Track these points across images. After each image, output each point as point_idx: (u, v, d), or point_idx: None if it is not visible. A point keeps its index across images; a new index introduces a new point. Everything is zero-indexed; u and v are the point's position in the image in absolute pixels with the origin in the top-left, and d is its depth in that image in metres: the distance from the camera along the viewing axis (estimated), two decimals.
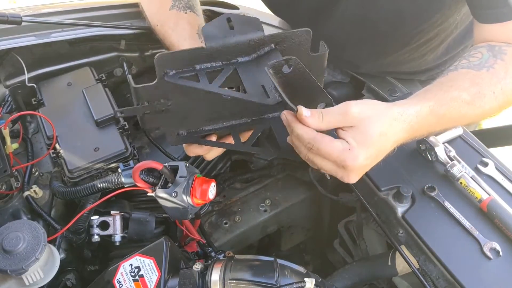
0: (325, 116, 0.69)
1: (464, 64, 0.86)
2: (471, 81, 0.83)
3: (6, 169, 0.95)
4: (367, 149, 0.69)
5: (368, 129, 0.69)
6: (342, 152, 0.68)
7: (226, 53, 0.82)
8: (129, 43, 1.28)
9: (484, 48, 0.89)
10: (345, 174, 0.71)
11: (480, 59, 0.86)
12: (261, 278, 0.81)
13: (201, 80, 0.81)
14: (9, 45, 1.11)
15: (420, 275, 0.87)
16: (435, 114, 0.77)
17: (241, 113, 0.88)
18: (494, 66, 0.85)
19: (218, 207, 1.40)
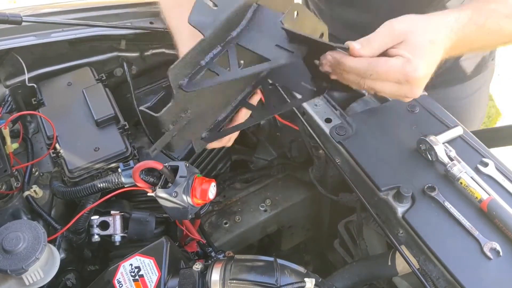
0: (373, 41, 0.70)
1: None
2: None
3: (6, 169, 0.95)
4: (424, 58, 0.69)
5: (418, 40, 0.69)
6: (402, 67, 0.68)
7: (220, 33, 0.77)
8: (129, 43, 1.28)
9: None
10: (409, 89, 0.71)
11: None
12: (261, 278, 0.81)
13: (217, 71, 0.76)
14: (9, 45, 1.11)
15: (420, 275, 0.87)
16: (474, 21, 0.76)
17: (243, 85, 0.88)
18: None
19: (218, 207, 1.40)
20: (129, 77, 1.24)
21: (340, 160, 1.04)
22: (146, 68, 1.36)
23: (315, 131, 1.09)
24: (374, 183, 0.96)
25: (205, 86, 0.74)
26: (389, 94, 0.74)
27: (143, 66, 1.35)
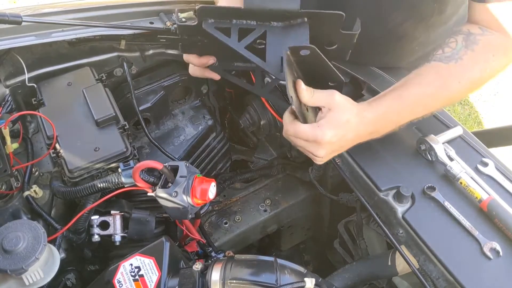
0: (315, 93, 0.85)
1: (437, 56, 0.95)
2: (437, 74, 0.92)
3: (6, 169, 0.95)
4: (334, 129, 0.84)
5: (339, 113, 0.85)
6: (313, 128, 0.84)
7: (261, 15, 0.89)
8: (129, 43, 1.28)
9: (461, 36, 0.95)
10: (315, 148, 0.86)
11: (453, 50, 0.94)
12: (261, 278, 0.81)
13: (232, 35, 0.90)
14: (9, 45, 1.11)
15: (420, 275, 0.87)
16: (394, 109, 0.90)
17: None
18: (463, 58, 0.93)
19: (218, 207, 1.40)
20: (129, 77, 1.24)
21: (340, 160, 1.04)
22: (146, 68, 1.36)
23: None
24: (374, 183, 0.96)
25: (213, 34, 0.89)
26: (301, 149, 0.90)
27: (143, 66, 1.35)
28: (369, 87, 1.17)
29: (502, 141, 1.43)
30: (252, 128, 1.45)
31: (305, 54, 0.80)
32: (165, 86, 1.32)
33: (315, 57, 0.81)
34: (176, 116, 1.38)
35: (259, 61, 0.90)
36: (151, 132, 1.30)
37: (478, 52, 0.93)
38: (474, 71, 0.93)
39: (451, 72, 0.92)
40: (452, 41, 0.95)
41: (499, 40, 0.94)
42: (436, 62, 0.94)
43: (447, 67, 0.93)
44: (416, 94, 0.92)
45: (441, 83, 0.92)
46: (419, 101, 0.92)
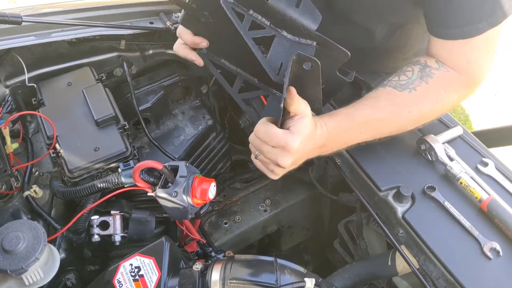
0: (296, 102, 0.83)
1: (393, 82, 0.96)
2: (390, 100, 0.94)
3: (6, 169, 0.95)
4: (303, 138, 0.83)
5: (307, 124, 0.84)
6: (285, 134, 0.83)
7: (279, 19, 0.89)
8: (129, 43, 1.28)
9: (418, 66, 0.97)
10: (281, 155, 0.84)
11: (408, 78, 0.96)
12: (261, 278, 0.81)
13: (244, 22, 0.89)
14: (9, 45, 1.11)
15: (420, 275, 0.87)
16: (343, 127, 0.91)
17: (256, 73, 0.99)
18: (417, 89, 0.94)
19: (218, 207, 1.40)
20: (129, 77, 1.24)
21: (340, 160, 1.04)
22: (146, 68, 1.36)
23: None
24: (374, 183, 0.96)
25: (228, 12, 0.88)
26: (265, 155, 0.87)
27: (143, 66, 1.35)
28: (369, 87, 1.18)
29: (502, 141, 1.43)
30: (252, 128, 1.45)
31: (307, 68, 0.80)
32: (165, 86, 1.32)
33: (313, 76, 0.81)
34: (176, 116, 1.38)
35: (260, 55, 0.90)
36: (151, 132, 1.30)
37: (431, 85, 0.95)
38: (425, 103, 0.95)
39: (403, 101, 0.94)
40: (409, 70, 0.97)
41: (453, 77, 0.95)
42: (391, 88, 0.95)
43: (400, 95, 0.94)
44: (367, 116, 0.92)
45: (392, 110, 0.93)
46: (368, 123, 0.93)
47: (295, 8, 0.88)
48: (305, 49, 0.90)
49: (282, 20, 0.89)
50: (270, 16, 0.90)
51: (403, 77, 0.96)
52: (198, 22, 0.96)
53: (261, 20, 0.91)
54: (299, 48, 0.90)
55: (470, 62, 0.93)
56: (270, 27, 0.91)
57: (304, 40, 0.91)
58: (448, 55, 0.95)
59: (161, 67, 1.37)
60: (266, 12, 0.90)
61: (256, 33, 0.90)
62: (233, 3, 0.89)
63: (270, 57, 0.90)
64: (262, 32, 0.90)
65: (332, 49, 0.89)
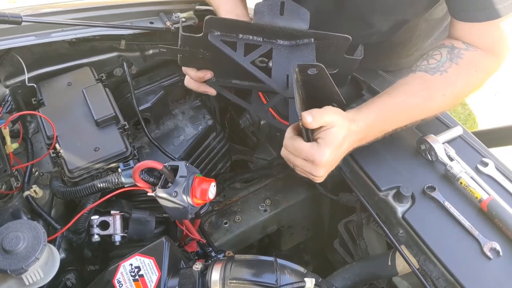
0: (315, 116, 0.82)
1: (422, 66, 0.96)
2: (423, 85, 0.94)
3: (6, 169, 0.95)
4: (332, 148, 0.83)
5: (337, 132, 0.83)
6: (311, 148, 0.83)
7: (269, 32, 0.89)
8: (129, 43, 1.28)
9: (445, 49, 0.97)
10: (313, 168, 0.85)
11: (438, 61, 0.96)
12: (261, 278, 0.81)
13: (238, 49, 0.90)
14: (9, 45, 1.11)
15: (420, 275, 0.87)
16: (382, 118, 0.91)
17: None
18: (448, 71, 0.94)
19: (218, 207, 1.40)
20: (129, 77, 1.24)
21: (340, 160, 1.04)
22: (146, 68, 1.36)
23: None
24: (374, 183, 0.96)
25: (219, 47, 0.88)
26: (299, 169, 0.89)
27: (143, 66, 1.35)
28: (369, 87, 1.18)
29: (502, 141, 1.43)
30: (252, 128, 1.45)
31: (312, 73, 0.80)
32: (165, 86, 1.32)
33: (321, 77, 0.81)
34: (176, 116, 1.38)
35: (265, 77, 0.90)
36: (151, 132, 1.30)
37: (462, 66, 0.95)
38: (457, 85, 0.95)
39: (436, 84, 0.94)
40: (437, 54, 0.97)
41: (482, 57, 0.97)
42: (422, 72, 0.95)
43: (432, 78, 0.94)
44: (402, 103, 0.93)
45: (427, 94, 0.94)
46: (405, 110, 0.94)
47: (280, 17, 0.88)
48: (305, 49, 0.90)
49: (273, 32, 0.89)
50: (260, 32, 0.90)
51: (432, 60, 0.96)
52: (197, 59, 0.98)
53: (253, 39, 0.91)
54: (298, 51, 0.90)
55: (495, 41, 0.96)
56: (265, 41, 0.91)
57: (301, 41, 0.90)
58: (474, 36, 0.97)
59: (161, 67, 1.37)
60: (254, 31, 0.90)
61: (253, 56, 0.90)
62: (220, 35, 0.89)
63: (274, 72, 0.90)
64: (259, 51, 0.90)
65: (331, 39, 0.89)
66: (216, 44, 0.88)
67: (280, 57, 0.91)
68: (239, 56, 0.89)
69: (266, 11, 0.88)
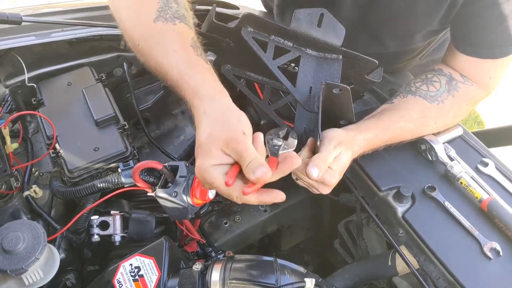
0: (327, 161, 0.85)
1: (422, 91, 1.01)
2: (421, 112, 0.99)
3: (6, 169, 0.95)
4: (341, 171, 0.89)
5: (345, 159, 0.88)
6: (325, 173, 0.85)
7: (301, 40, 0.90)
8: None
9: (444, 78, 1.03)
10: (321, 188, 0.90)
11: (437, 90, 1.01)
12: (261, 278, 0.81)
13: (268, 50, 0.90)
14: (9, 45, 1.11)
15: (420, 275, 0.87)
16: (379, 139, 0.96)
17: None
18: (444, 102, 1.00)
19: (218, 207, 1.40)
20: (128, 77, 1.24)
21: None
22: (146, 68, 1.36)
23: None
24: (374, 183, 0.96)
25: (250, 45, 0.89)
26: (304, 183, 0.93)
27: (143, 66, 1.34)
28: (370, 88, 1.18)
29: (502, 141, 1.43)
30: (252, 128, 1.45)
31: (336, 92, 0.82)
32: (165, 86, 1.32)
33: (344, 97, 0.83)
34: (176, 116, 1.38)
35: (290, 85, 0.91)
36: (151, 132, 1.29)
37: (456, 99, 1.01)
38: (449, 116, 1.02)
39: (432, 113, 1.00)
40: (436, 81, 1.02)
41: (475, 91, 1.03)
42: (421, 99, 1.00)
43: (430, 106, 0.99)
44: (401, 128, 0.98)
45: (422, 121, 0.99)
46: (400, 133, 0.99)
47: (317, 28, 0.89)
48: (332, 64, 0.91)
49: (305, 41, 0.90)
50: (292, 38, 0.91)
51: (432, 88, 1.02)
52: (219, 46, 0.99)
53: (284, 43, 0.92)
54: (325, 64, 0.91)
55: (491, 78, 1.03)
56: (294, 48, 0.92)
57: (329, 55, 0.92)
58: (473, 70, 1.02)
59: None
60: (287, 35, 0.90)
61: (281, 60, 0.91)
62: (253, 31, 0.90)
63: (299, 82, 0.91)
64: (287, 57, 0.91)
65: (359, 60, 0.90)
66: (247, 40, 0.89)
67: (307, 67, 0.92)
68: (268, 59, 0.90)
69: (304, 19, 0.89)
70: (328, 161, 0.85)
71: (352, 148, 0.90)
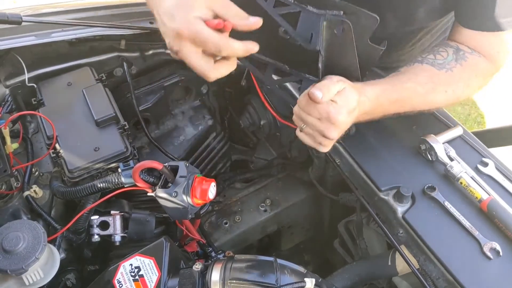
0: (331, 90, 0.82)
1: (430, 59, 0.98)
2: (429, 77, 0.95)
3: (6, 169, 0.95)
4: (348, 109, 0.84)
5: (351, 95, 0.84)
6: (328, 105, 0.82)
7: None
8: (129, 43, 1.28)
9: (451, 49, 1.00)
10: (327, 128, 0.84)
11: (444, 59, 0.98)
12: (261, 278, 0.81)
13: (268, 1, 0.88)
14: (9, 45, 1.11)
15: (420, 275, 0.87)
16: (388, 97, 0.92)
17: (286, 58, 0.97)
18: (453, 70, 0.97)
19: (218, 207, 1.40)
20: (129, 77, 1.24)
21: (340, 160, 1.04)
22: (146, 68, 1.36)
23: None
24: (374, 183, 0.96)
25: None
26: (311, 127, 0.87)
27: (143, 66, 1.35)
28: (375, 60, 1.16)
29: (502, 141, 1.43)
30: (252, 128, 1.45)
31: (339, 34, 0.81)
32: (165, 86, 1.32)
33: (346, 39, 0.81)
34: (176, 116, 1.38)
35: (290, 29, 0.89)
36: (151, 132, 1.30)
37: (465, 68, 0.98)
38: (459, 85, 0.98)
39: (440, 80, 0.96)
40: (443, 51, 0.99)
41: (483, 63, 1.00)
42: (429, 65, 0.97)
43: (439, 73, 0.96)
44: (409, 89, 0.94)
45: (432, 87, 0.95)
46: (410, 97, 0.94)
47: None
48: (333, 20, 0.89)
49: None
50: None
51: (439, 56, 0.98)
52: None
53: None
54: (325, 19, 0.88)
55: (499, 51, 0.99)
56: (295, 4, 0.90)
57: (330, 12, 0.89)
58: (480, 44, 1.00)
59: (161, 67, 1.37)
60: None
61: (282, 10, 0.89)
62: None
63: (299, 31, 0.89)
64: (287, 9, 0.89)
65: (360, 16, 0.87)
66: None
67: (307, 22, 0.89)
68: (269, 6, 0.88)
69: None
70: (331, 90, 0.82)
71: (358, 93, 0.86)
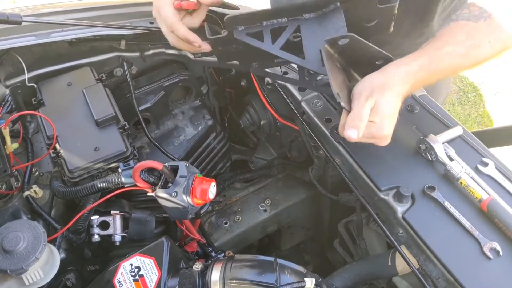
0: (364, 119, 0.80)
1: (464, 14, 0.92)
2: (468, 33, 0.89)
3: (6, 169, 0.95)
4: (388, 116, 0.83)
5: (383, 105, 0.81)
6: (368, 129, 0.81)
7: (292, 10, 0.87)
8: (129, 43, 1.28)
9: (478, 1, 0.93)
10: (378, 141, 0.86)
11: (480, 8, 0.91)
12: (261, 278, 0.81)
13: (265, 38, 0.88)
14: (9, 45, 1.11)
15: (420, 275, 0.87)
16: (427, 71, 0.87)
17: None
18: (491, 17, 0.90)
19: (218, 207, 1.40)
20: (129, 77, 1.24)
21: (340, 160, 1.04)
22: (146, 68, 1.36)
23: (315, 131, 1.09)
24: (374, 183, 0.96)
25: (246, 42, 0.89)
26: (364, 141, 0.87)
27: (143, 66, 1.35)
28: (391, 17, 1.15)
29: (502, 141, 1.43)
30: (252, 128, 1.45)
31: (344, 44, 0.79)
32: (165, 86, 1.32)
33: (355, 43, 0.79)
34: (176, 116, 1.38)
35: (298, 60, 0.88)
36: (151, 132, 1.30)
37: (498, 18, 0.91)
38: (502, 30, 0.90)
39: (481, 31, 0.89)
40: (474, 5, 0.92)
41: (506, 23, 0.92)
42: (464, 21, 0.90)
43: (477, 26, 0.89)
44: (447, 54, 0.88)
45: (473, 43, 0.89)
46: (450, 60, 0.89)
47: None
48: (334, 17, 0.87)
49: (296, 9, 0.87)
50: (282, 14, 0.88)
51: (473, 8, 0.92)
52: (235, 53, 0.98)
53: (278, 22, 0.89)
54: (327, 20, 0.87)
55: None
56: (290, 21, 0.88)
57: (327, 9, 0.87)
58: None
59: (161, 67, 1.37)
60: (276, 14, 0.88)
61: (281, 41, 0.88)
62: (244, 28, 0.88)
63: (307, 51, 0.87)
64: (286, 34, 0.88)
65: None
66: (242, 40, 0.88)
67: (310, 32, 0.87)
68: (268, 45, 0.88)
69: None
70: (363, 116, 0.79)
71: (393, 89, 0.82)
